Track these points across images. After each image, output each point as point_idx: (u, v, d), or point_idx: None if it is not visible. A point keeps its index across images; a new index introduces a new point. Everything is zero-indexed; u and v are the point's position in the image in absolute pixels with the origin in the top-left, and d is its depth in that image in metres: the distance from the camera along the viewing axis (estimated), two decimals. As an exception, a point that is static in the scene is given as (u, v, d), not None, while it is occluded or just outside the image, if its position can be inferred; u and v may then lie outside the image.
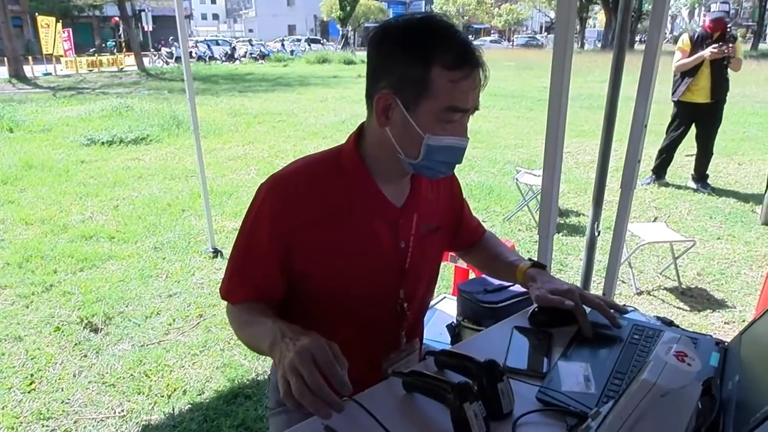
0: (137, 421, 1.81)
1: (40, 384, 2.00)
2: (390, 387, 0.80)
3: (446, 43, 0.76)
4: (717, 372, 0.79)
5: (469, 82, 0.77)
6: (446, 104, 0.77)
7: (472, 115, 0.83)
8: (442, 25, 0.77)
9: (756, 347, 0.78)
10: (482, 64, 0.78)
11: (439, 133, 0.79)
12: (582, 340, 0.89)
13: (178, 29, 2.87)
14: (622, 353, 0.83)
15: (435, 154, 0.80)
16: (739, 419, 0.65)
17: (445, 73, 0.75)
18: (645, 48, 1.33)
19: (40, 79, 14.68)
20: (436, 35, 0.76)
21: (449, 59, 0.75)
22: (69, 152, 5.83)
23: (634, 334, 0.87)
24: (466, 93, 0.77)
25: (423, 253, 0.93)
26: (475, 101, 0.80)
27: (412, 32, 0.77)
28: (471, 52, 0.76)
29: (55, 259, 3.10)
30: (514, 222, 3.73)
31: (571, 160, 5.38)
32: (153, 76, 15.35)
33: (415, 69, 0.76)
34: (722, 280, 2.87)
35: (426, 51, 0.75)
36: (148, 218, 3.81)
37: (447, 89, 0.76)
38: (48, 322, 2.44)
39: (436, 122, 0.78)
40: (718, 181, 4.67)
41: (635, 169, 1.35)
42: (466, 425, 0.66)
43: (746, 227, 3.57)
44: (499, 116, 8.27)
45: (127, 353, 2.20)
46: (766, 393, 0.62)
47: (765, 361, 0.73)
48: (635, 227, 2.83)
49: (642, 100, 1.31)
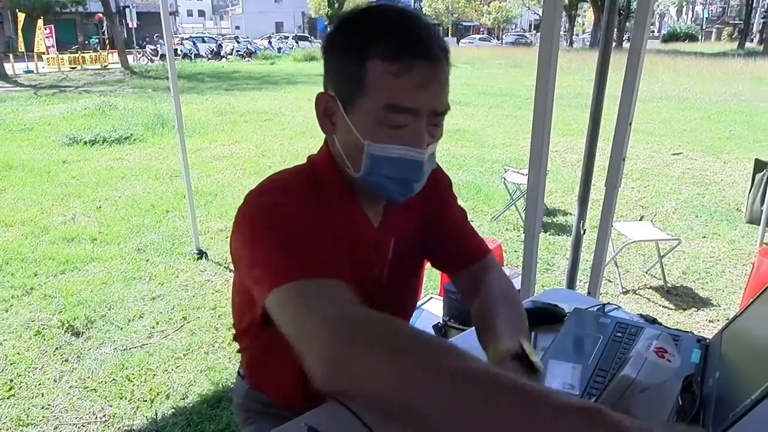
0: (119, 426, 1.79)
1: (20, 389, 1.97)
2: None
3: (386, 31, 0.64)
4: (698, 369, 0.80)
5: (413, 76, 0.63)
6: (384, 102, 0.64)
7: (438, 119, 0.68)
8: (387, 13, 0.66)
9: (736, 344, 0.79)
10: (436, 57, 0.65)
11: (382, 140, 0.65)
12: (565, 338, 0.90)
13: (163, 26, 2.85)
14: (604, 351, 0.84)
15: (380, 167, 0.67)
16: (718, 415, 0.66)
17: (381, 65, 0.63)
18: (630, 46, 1.34)
19: (22, 77, 14.44)
20: (375, 23, 0.65)
21: (387, 48, 0.62)
22: (50, 152, 5.75)
23: (617, 332, 0.88)
24: (411, 90, 0.63)
25: (401, 278, 0.82)
26: (431, 102, 0.65)
27: (352, 22, 0.67)
28: (419, 41, 0.64)
29: (36, 262, 3.05)
30: (502, 222, 3.75)
31: (559, 159, 5.43)
32: (137, 74, 15.15)
33: (350, 62, 0.65)
34: (707, 278, 2.92)
35: (362, 41, 0.64)
36: (132, 219, 3.77)
37: (384, 83, 0.63)
38: (28, 326, 2.40)
39: (378, 126, 0.65)
40: (704, 180, 4.75)
41: (620, 167, 1.37)
42: None
43: (731, 225, 3.64)
44: (488, 115, 8.32)
45: (109, 357, 2.17)
46: (745, 389, 0.63)
47: (744, 357, 0.74)
48: (621, 226, 2.87)
49: (627, 98, 1.32)
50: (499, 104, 9.31)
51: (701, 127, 7.15)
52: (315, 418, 0.75)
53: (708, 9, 50.67)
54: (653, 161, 5.41)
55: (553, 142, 5.98)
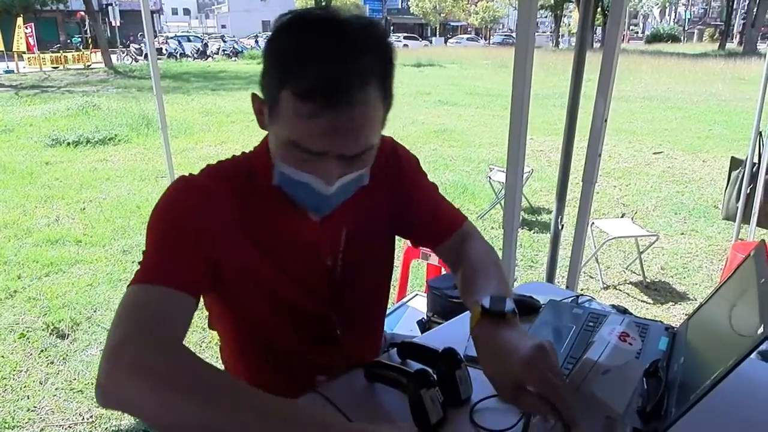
0: (107, 426, 1.79)
1: (5, 392, 1.96)
2: (352, 378, 0.82)
3: (301, 64, 0.57)
4: (665, 355, 0.84)
5: (322, 123, 0.58)
6: (289, 137, 0.61)
7: (355, 160, 0.63)
8: (312, 37, 0.59)
9: (700, 331, 0.83)
10: (354, 101, 0.58)
11: (290, 163, 0.63)
12: (540, 329, 0.94)
13: (144, 24, 2.84)
14: (576, 339, 0.88)
15: (289, 186, 0.66)
16: (680, 398, 0.70)
17: (291, 100, 0.58)
18: (604, 45, 1.39)
19: (1, 77, 14.19)
20: (297, 48, 0.58)
21: (298, 86, 0.57)
22: (33, 153, 5.67)
23: (589, 321, 0.92)
24: (317, 136, 0.59)
25: (359, 266, 0.80)
26: (340, 148, 0.61)
27: (282, 35, 0.61)
28: (335, 84, 0.57)
29: (19, 264, 3.02)
30: (488, 220, 3.81)
31: (544, 158, 5.51)
32: (121, 74, 14.95)
33: (272, 80, 0.61)
34: (684, 273, 3.00)
35: (281, 65, 0.60)
36: (117, 221, 3.75)
37: (290, 121, 0.59)
38: (12, 329, 2.38)
39: (286, 151, 0.63)
40: (683, 178, 4.87)
41: (596, 163, 1.42)
42: (423, 411, 0.69)
43: (708, 222, 3.74)
44: (475, 115, 8.40)
45: (95, 359, 2.16)
46: (706, 372, 0.67)
47: (707, 343, 0.78)
48: (603, 223, 2.95)
49: (602, 95, 1.37)
50: (486, 104, 9.39)
51: (682, 127, 7.31)
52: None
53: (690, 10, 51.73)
54: (635, 160, 5.51)
55: (538, 141, 6.10)
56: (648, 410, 0.71)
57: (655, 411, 0.70)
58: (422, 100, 9.95)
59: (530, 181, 4.10)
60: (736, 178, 2.86)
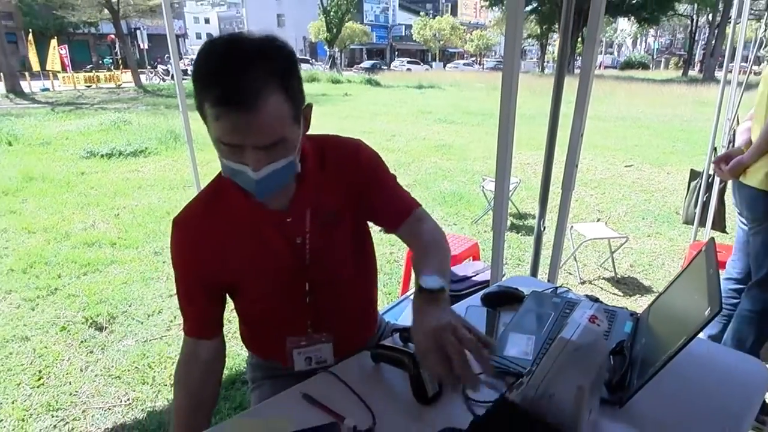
0: (143, 408, 1.82)
1: (49, 379, 1.98)
2: (360, 359, 0.87)
3: (212, 80, 0.68)
4: (629, 337, 0.89)
5: (231, 122, 0.68)
6: (215, 135, 0.71)
7: (271, 149, 0.71)
8: (216, 60, 0.68)
9: (659, 315, 0.88)
10: (250, 105, 0.67)
11: (225, 156, 0.72)
12: (525, 314, 0.99)
13: (170, 46, 2.88)
14: (554, 324, 0.93)
15: (233, 177, 0.74)
16: (641, 372, 0.75)
17: (208, 107, 0.69)
18: (581, 69, 1.46)
19: (38, 95, 14.15)
20: (208, 68, 0.69)
21: (210, 96, 0.68)
22: (69, 164, 5.69)
23: (565, 309, 0.98)
24: (228, 132, 0.69)
25: (326, 243, 0.87)
26: (249, 140, 0.69)
27: (198, 61, 0.70)
28: (234, 93, 0.66)
29: (59, 265, 3.04)
30: (481, 224, 3.87)
31: (530, 170, 5.58)
32: (150, 92, 14.98)
33: (197, 97, 0.71)
34: (650, 270, 3.07)
35: (199, 83, 0.69)
36: (148, 226, 3.77)
37: (212, 123, 0.70)
38: (54, 323, 2.40)
39: (218, 148, 0.73)
40: (650, 188, 4.93)
41: (573, 172, 1.47)
42: (422, 386, 0.74)
43: (671, 226, 3.82)
44: (470, 132, 8.47)
45: (131, 348, 2.19)
46: (662, 350, 0.72)
47: (664, 325, 0.83)
48: (580, 227, 3.02)
49: (579, 113, 1.42)
50: (480, 122, 9.47)
51: (650, 143, 7.40)
52: (309, 387, 0.81)
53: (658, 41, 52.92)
54: (609, 172, 5.60)
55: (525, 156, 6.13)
56: (614, 382, 0.76)
57: (620, 383, 0.76)
58: (423, 118, 10.07)
59: (518, 190, 4.16)
60: (694, 187, 2.93)
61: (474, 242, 2.51)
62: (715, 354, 0.91)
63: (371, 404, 0.76)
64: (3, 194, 4.51)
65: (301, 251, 0.86)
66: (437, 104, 12.79)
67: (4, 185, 4.73)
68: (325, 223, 0.86)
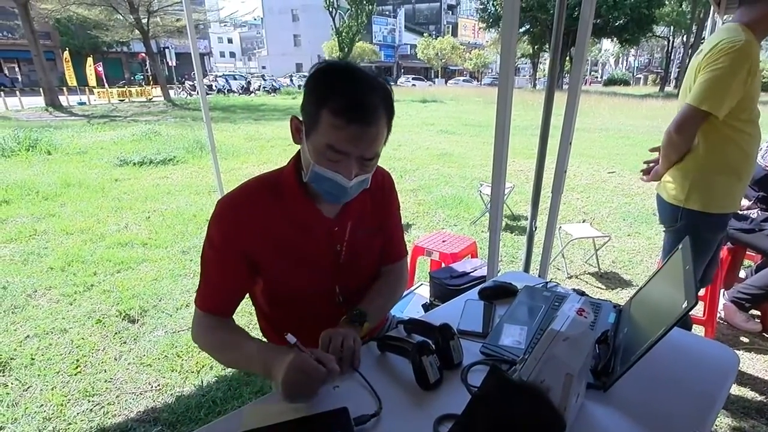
0: (171, 392, 1.83)
1: (85, 367, 2.00)
2: (368, 349, 0.88)
3: (338, 91, 0.73)
4: (613, 327, 0.89)
5: (351, 132, 0.73)
6: (326, 142, 0.74)
7: (367, 161, 0.77)
8: (343, 76, 0.74)
9: (639, 307, 0.89)
10: (370, 121, 0.73)
11: (323, 165, 0.77)
12: (518, 307, 1.00)
13: (194, 64, 2.95)
14: (545, 316, 0.94)
15: (320, 182, 0.78)
16: (624, 359, 0.76)
17: (329, 116, 0.73)
18: (569, 85, 1.47)
19: (75, 108, 14.21)
20: (334, 82, 0.74)
21: (334, 106, 0.72)
22: (104, 172, 5.73)
23: (555, 302, 0.98)
24: (345, 141, 0.74)
25: (358, 253, 0.92)
26: (359, 151, 0.75)
27: (321, 74, 0.75)
28: (359, 107, 0.72)
29: (95, 263, 3.06)
30: (479, 225, 3.87)
31: (523, 176, 5.58)
32: (178, 106, 15.06)
33: (313, 104, 0.75)
34: (630, 266, 3.08)
35: (322, 92, 0.74)
36: (177, 227, 3.79)
37: (329, 131, 0.74)
38: (90, 316, 2.42)
39: (321, 155, 0.76)
40: (630, 192, 4.91)
41: (562, 177, 1.48)
42: (424, 373, 0.75)
43: (649, 226, 3.83)
44: (469, 142, 8.49)
45: (161, 339, 2.20)
46: (643, 339, 0.73)
47: (644, 316, 0.84)
48: (568, 227, 3.04)
49: (567, 123, 1.44)
50: (478, 133, 9.48)
51: (630, 152, 7.40)
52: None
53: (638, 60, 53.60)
54: (593, 178, 5.60)
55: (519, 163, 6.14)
56: (599, 369, 0.77)
57: (604, 369, 0.76)
58: (427, 129, 10.11)
59: (512, 194, 4.17)
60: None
61: (472, 241, 2.52)
62: (690, 342, 0.92)
63: (378, 390, 0.76)
64: (43, 199, 4.55)
65: (338, 257, 0.90)
66: (439, 117, 12.81)
67: (44, 191, 4.77)
68: (360, 237, 0.91)
